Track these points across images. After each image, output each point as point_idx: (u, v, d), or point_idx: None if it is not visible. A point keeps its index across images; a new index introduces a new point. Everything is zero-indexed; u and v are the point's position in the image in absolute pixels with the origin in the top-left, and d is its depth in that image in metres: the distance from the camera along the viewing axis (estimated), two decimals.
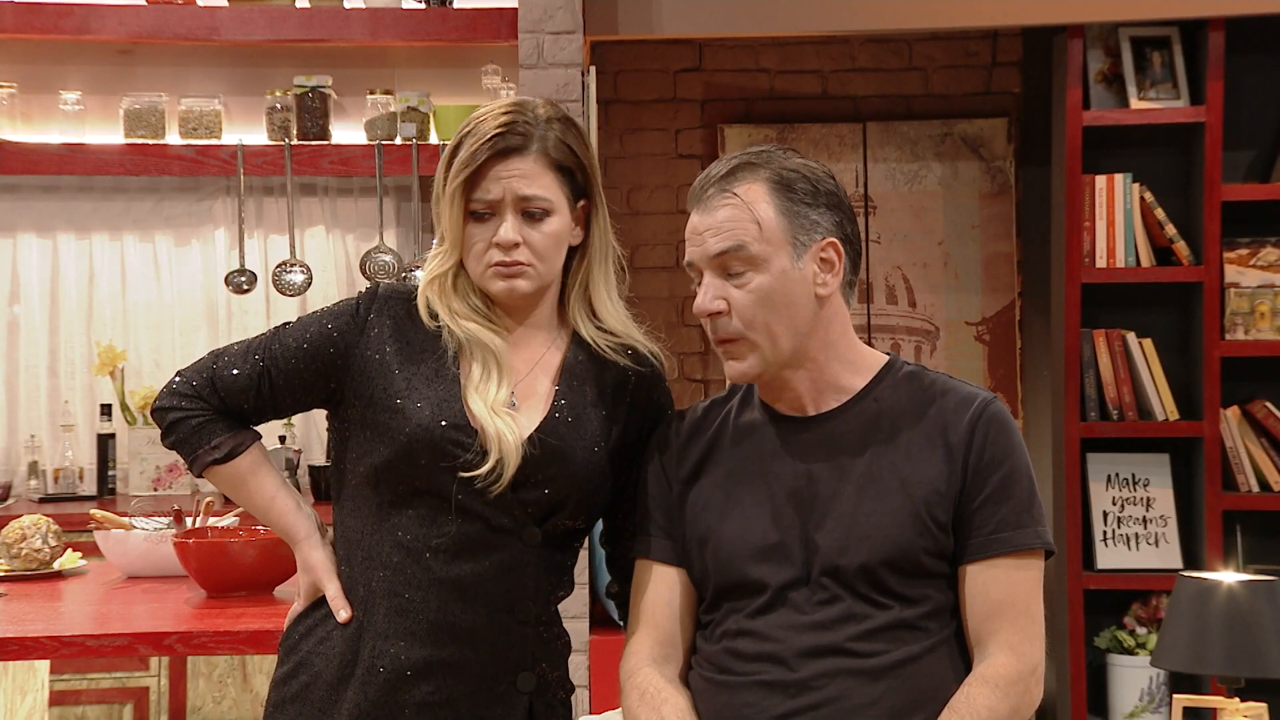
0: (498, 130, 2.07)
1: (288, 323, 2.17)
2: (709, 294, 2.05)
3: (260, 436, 2.19)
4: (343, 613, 2.09)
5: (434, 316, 2.12)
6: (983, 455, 2.02)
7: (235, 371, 2.13)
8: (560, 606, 2.19)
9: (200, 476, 2.19)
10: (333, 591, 2.11)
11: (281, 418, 2.21)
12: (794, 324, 2.04)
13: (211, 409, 2.14)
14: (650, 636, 2.12)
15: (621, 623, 2.26)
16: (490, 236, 2.08)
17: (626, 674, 2.11)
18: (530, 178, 2.09)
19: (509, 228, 2.08)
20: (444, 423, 2.03)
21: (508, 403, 2.07)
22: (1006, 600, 2.00)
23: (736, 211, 2.03)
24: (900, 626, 1.99)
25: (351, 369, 2.09)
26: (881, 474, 2.02)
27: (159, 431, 2.18)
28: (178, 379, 2.16)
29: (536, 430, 2.08)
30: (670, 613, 2.12)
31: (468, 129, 2.10)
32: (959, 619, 2.04)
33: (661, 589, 2.13)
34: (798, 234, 2.03)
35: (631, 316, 2.22)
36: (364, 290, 2.17)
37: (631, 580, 2.19)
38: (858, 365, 2.10)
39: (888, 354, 2.14)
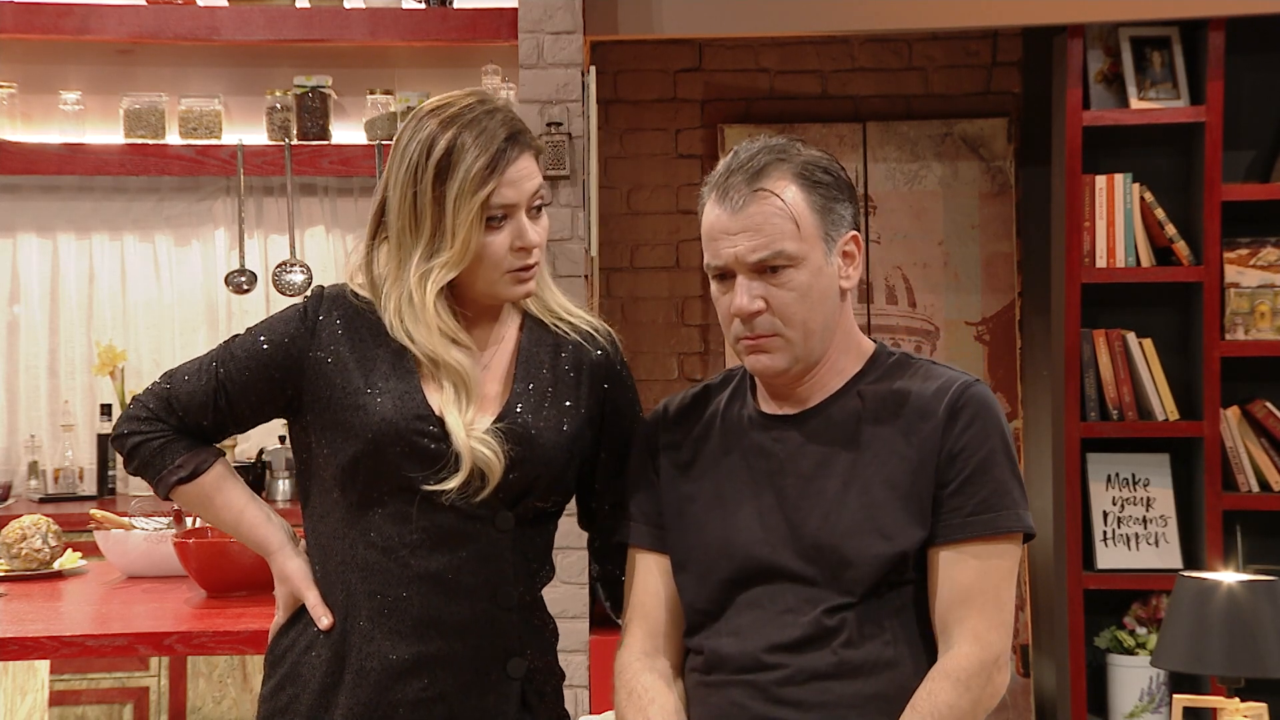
0: (514, 130, 2.02)
1: (238, 335, 2.14)
2: (747, 294, 1.99)
3: (224, 454, 2.18)
4: (324, 620, 2.07)
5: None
6: (960, 439, 1.98)
7: (190, 389, 2.11)
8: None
9: (166, 498, 2.16)
10: (312, 600, 2.09)
11: (242, 430, 2.18)
12: (826, 319, 2.03)
13: (171, 429, 2.12)
14: (641, 629, 2.13)
15: (608, 604, 2.27)
16: (510, 242, 2.02)
17: (617, 671, 2.11)
18: (535, 174, 2.05)
19: (534, 229, 2.04)
20: (408, 414, 2.01)
21: (475, 420, 2.03)
22: (976, 587, 1.96)
23: (770, 209, 1.98)
24: (873, 621, 1.98)
25: (306, 373, 2.07)
26: (862, 472, 2.00)
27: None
28: (133, 404, 2.14)
29: (500, 415, 2.06)
30: (659, 602, 2.12)
31: (458, 130, 1.99)
32: (920, 608, 2.00)
33: (650, 578, 2.13)
34: (829, 229, 2.01)
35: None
36: (309, 293, 2.13)
37: (612, 562, 2.21)
38: (852, 354, 2.08)
39: (875, 341, 2.12)
